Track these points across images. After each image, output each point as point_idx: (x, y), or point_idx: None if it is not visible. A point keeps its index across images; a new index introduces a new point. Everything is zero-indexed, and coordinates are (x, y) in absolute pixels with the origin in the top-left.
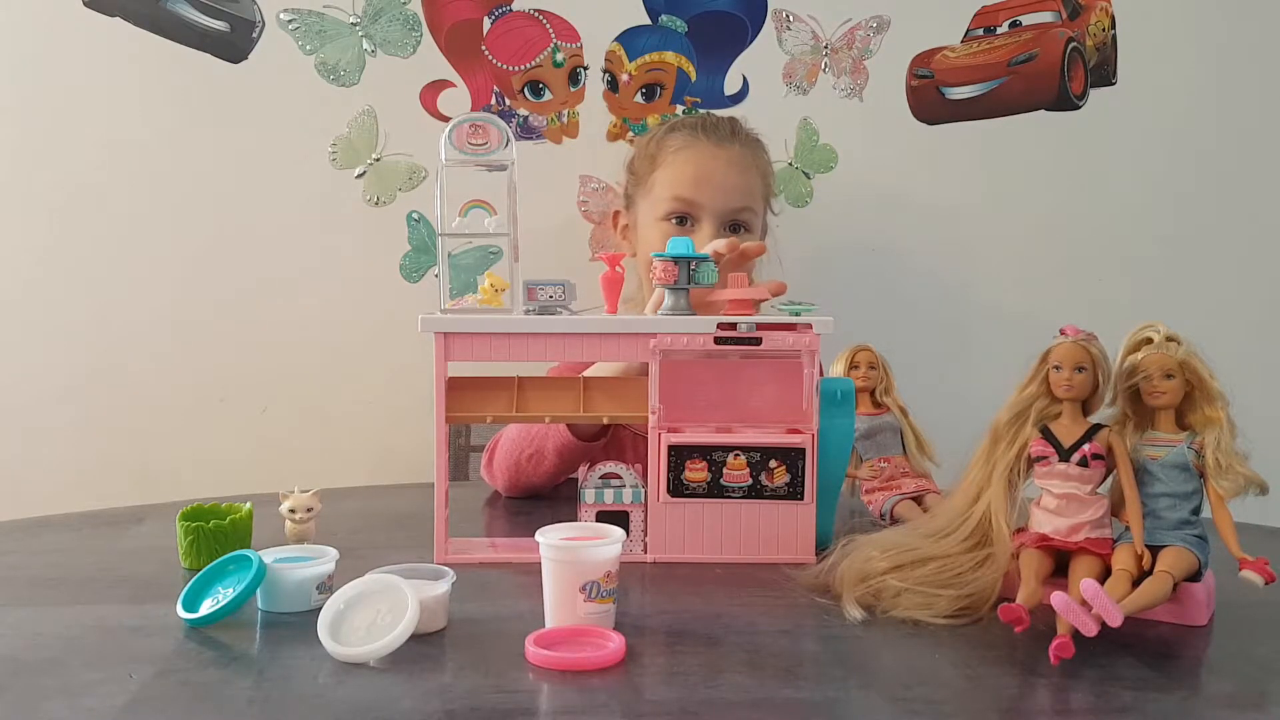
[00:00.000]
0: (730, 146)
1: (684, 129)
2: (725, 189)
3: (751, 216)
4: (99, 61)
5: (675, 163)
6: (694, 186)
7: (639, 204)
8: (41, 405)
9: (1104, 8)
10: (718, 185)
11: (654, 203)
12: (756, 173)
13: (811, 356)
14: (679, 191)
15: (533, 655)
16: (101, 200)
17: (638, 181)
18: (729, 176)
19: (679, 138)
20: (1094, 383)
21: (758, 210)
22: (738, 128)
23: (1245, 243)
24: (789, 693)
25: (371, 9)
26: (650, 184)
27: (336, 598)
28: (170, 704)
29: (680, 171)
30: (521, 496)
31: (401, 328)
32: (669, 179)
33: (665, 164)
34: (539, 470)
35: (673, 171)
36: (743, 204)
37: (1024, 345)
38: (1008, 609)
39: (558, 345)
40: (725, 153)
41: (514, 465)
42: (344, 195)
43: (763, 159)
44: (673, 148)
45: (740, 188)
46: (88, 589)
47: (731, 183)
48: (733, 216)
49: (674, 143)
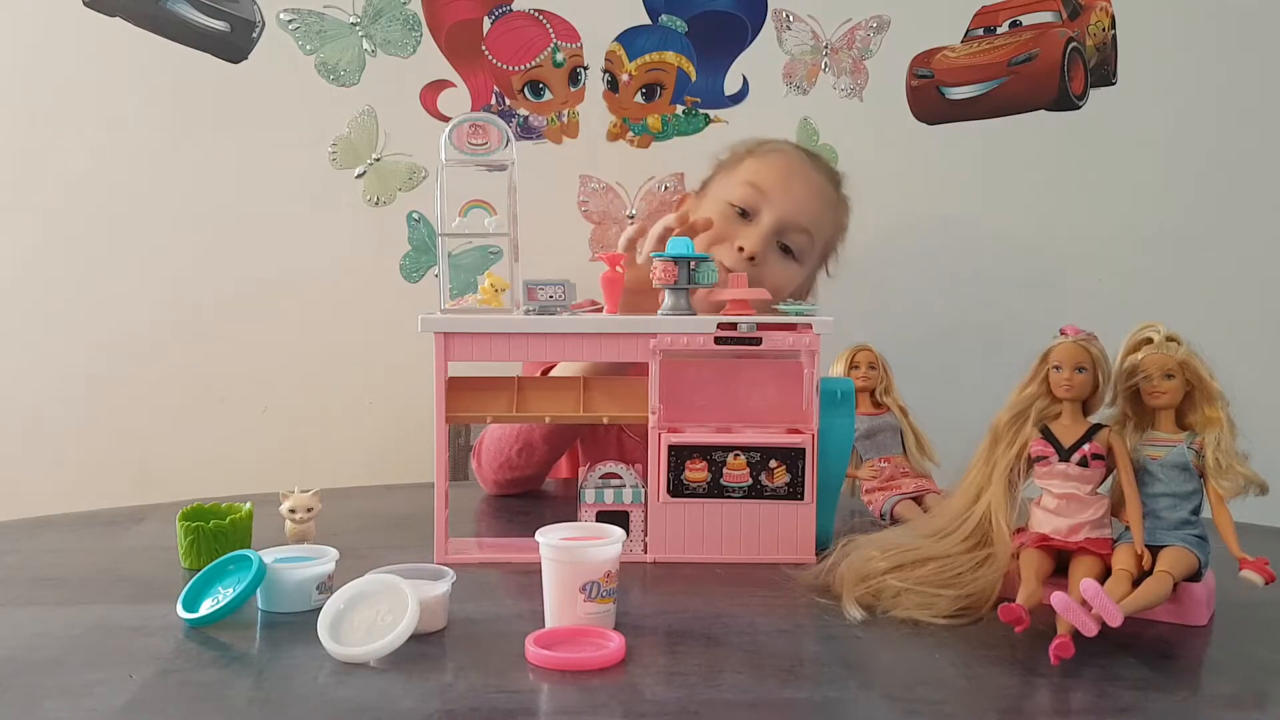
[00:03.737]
0: (821, 176)
1: (787, 147)
2: (797, 201)
3: (806, 243)
4: (99, 61)
5: (767, 161)
6: (771, 182)
7: (715, 180)
8: (41, 405)
9: (1104, 8)
10: (793, 195)
11: (731, 184)
12: (831, 215)
13: (811, 356)
14: (755, 179)
15: (533, 655)
16: (102, 200)
17: (723, 166)
18: (808, 197)
19: (779, 148)
20: (1094, 383)
21: (815, 246)
22: (837, 175)
23: (1245, 243)
24: (789, 693)
25: (371, 9)
26: (736, 168)
27: (336, 598)
28: (170, 704)
29: (767, 166)
30: (512, 494)
31: (401, 328)
32: (754, 168)
33: (758, 156)
34: (531, 462)
35: (760, 164)
36: (806, 224)
37: (1024, 345)
38: (1008, 609)
39: (558, 345)
40: (815, 178)
41: (505, 463)
42: (344, 195)
43: (843, 214)
44: (769, 150)
45: (811, 211)
46: (88, 589)
47: (806, 201)
48: (790, 231)
49: (772, 148)
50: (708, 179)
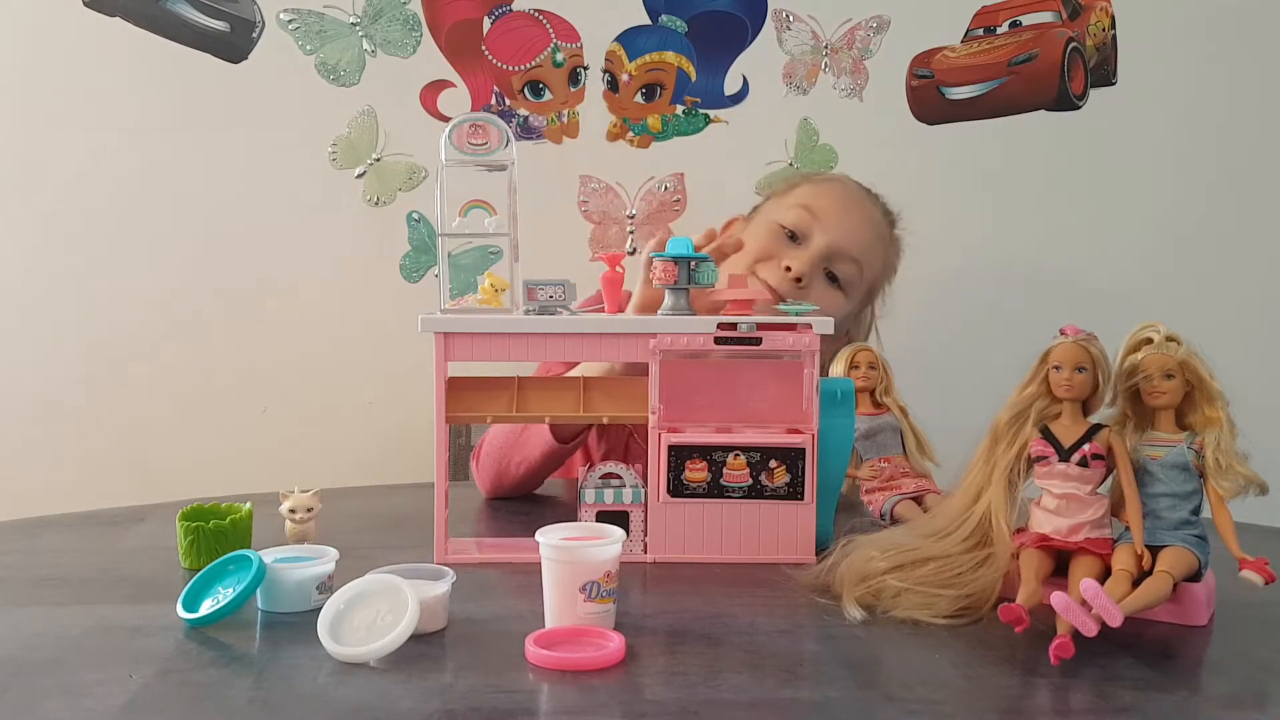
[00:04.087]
0: (876, 211)
1: (849, 180)
2: (850, 230)
3: (854, 274)
4: (98, 61)
5: (822, 185)
6: (825, 208)
7: (766, 205)
8: (41, 405)
9: (1104, 8)
10: (846, 223)
11: (783, 206)
12: (881, 250)
13: (811, 356)
14: (807, 202)
15: (533, 655)
16: (102, 200)
17: (776, 193)
18: (861, 227)
19: (839, 176)
20: (1094, 383)
21: (863, 279)
22: (891, 213)
23: (1246, 242)
24: (789, 693)
25: (371, 9)
26: (789, 193)
27: (336, 598)
28: (170, 704)
29: (823, 192)
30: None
31: (401, 328)
32: (809, 193)
33: (814, 183)
34: (526, 474)
35: (816, 190)
36: (857, 254)
37: (1024, 345)
38: (1008, 609)
39: (558, 345)
40: (868, 210)
41: (502, 470)
42: (344, 195)
43: (894, 254)
44: (827, 177)
45: (863, 242)
46: (88, 589)
47: (859, 231)
48: (840, 260)
49: (830, 175)
50: (758, 205)
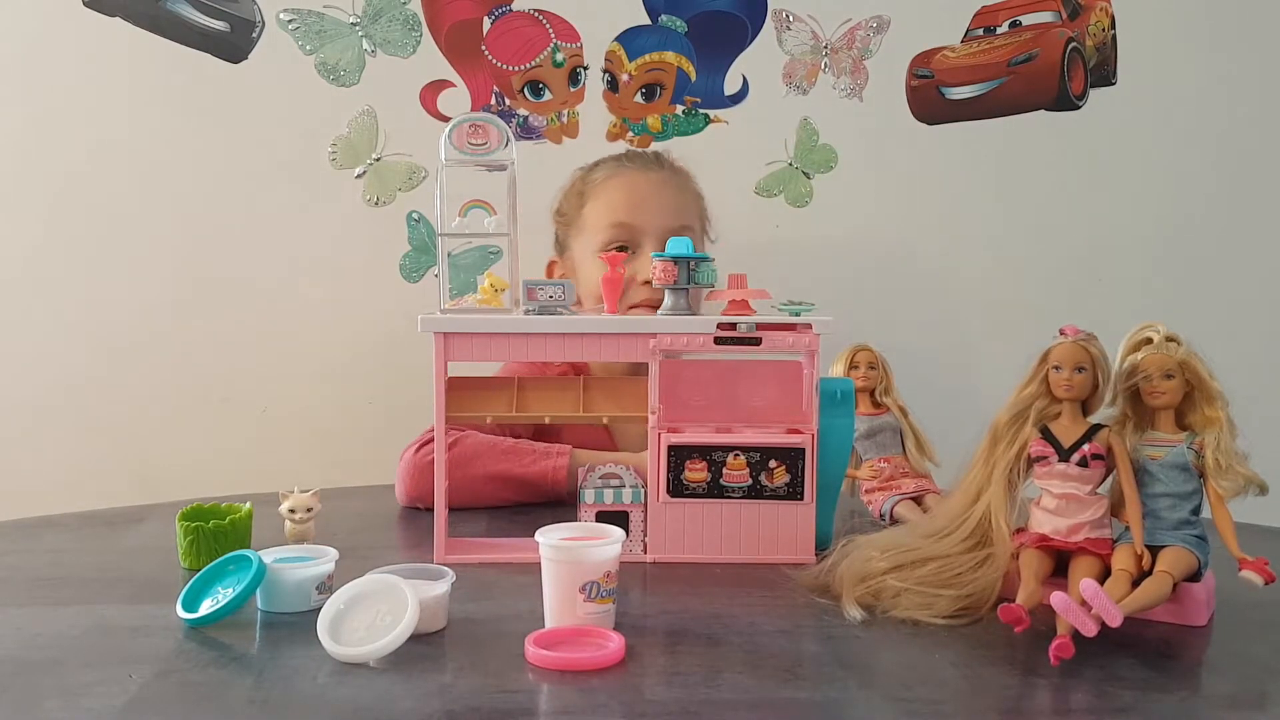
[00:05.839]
0: (658, 171)
1: (608, 163)
2: (661, 208)
3: (691, 236)
4: (98, 61)
5: (605, 192)
6: (629, 210)
7: (572, 245)
8: (41, 405)
9: (1104, 8)
10: (653, 206)
11: (589, 237)
12: (690, 195)
13: (811, 356)
14: (615, 218)
15: (533, 655)
16: (102, 200)
17: (568, 223)
18: (662, 196)
19: (604, 169)
20: (1094, 383)
21: (696, 230)
22: (663, 157)
23: (1245, 243)
24: (789, 693)
25: (371, 9)
26: (582, 221)
27: (336, 598)
28: (170, 704)
29: (612, 199)
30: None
31: (401, 328)
32: (601, 209)
33: (594, 196)
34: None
35: (604, 201)
36: (681, 222)
37: (1024, 345)
38: (1008, 609)
39: (558, 345)
40: (655, 175)
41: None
42: (344, 195)
43: (693, 186)
44: (600, 179)
45: (676, 206)
46: (88, 589)
47: (666, 201)
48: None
49: (600, 174)
50: (561, 247)
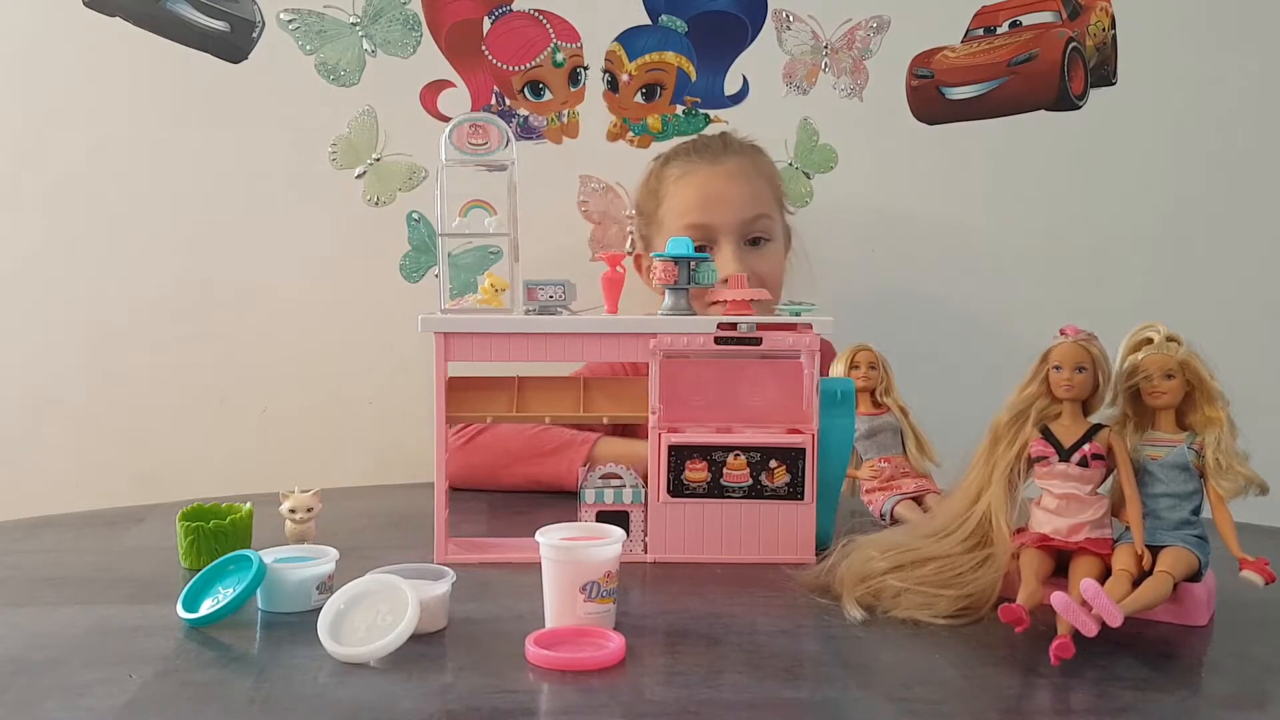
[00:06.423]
0: (727, 160)
1: (678, 157)
2: (733, 203)
3: (769, 223)
4: (98, 61)
5: (678, 191)
6: (702, 209)
7: (654, 242)
8: (41, 405)
9: (1104, 8)
10: (726, 201)
11: (668, 236)
12: (761, 178)
13: (811, 356)
14: (689, 219)
15: (533, 655)
16: (102, 200)
17: (648, 221)
18: (734, 189)
19: (676, 166)
20: (1094, 383)
21: (773, 215)
22: (729, 140)
23: (1245, 243)
24: (789, 693)
25: (371, 9)
26: (660, 220)
27: (336, 598)
28: (170, 704)
29: (685, 199)
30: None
31: (401, 328)
32: (677, 209)
33: (669, 195)
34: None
35: (678, 200)
36: (755, 213)
37: (1024, 345)
38: (1008, 609)
39: (558, 345)
40: (724, 167)
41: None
42: (344, 195)
43: (763, 162)
44: (672, 178)
45: (748, 196)
46: (88, 589)
47: (738, 195)
48: (749, 229)
49: (672, 173)
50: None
